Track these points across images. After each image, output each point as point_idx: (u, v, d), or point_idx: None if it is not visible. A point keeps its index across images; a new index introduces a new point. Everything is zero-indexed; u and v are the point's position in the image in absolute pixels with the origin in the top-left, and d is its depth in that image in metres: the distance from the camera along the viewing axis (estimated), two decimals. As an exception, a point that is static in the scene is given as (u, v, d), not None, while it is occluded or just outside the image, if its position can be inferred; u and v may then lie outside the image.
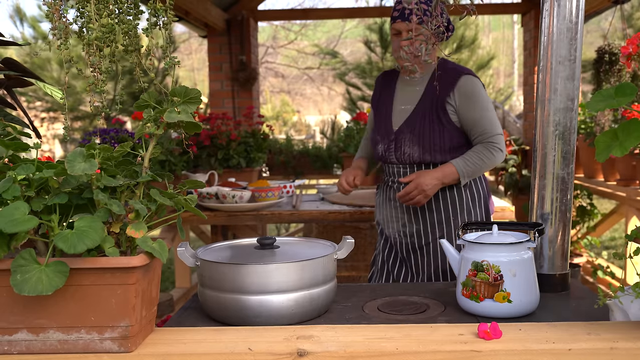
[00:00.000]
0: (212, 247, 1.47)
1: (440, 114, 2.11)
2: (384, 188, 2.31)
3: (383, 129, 2.23)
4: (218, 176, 3.51)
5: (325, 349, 1.02)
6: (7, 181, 0.98)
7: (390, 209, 2.25)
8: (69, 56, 1.12)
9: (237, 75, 5.80)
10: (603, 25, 10.76)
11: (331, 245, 1.44)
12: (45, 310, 0.99)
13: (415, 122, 2.14)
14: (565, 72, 1.45)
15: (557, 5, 1.44)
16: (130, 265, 0.99)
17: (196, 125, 1.14)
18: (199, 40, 13.00)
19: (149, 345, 1.05)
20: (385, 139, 2.21)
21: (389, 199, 2.26)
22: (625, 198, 3.65)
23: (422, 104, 2.15)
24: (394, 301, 1.45)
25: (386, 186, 2.29)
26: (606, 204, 7.11)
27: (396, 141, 2.17)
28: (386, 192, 2.29)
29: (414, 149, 2.13)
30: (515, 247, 1.32)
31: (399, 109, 2.22)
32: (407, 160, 2.17)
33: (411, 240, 2.20)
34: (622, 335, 1.05)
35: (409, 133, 2.14)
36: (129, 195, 1.09)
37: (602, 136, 1.14)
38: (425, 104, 2.15)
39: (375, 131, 2.29)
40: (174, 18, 1.15)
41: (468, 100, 2.10)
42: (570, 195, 1.51)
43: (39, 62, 8.10)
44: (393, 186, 2.24)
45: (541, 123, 1.49)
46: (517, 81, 17.52)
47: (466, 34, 9.00)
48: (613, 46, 4.28)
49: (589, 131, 3.91)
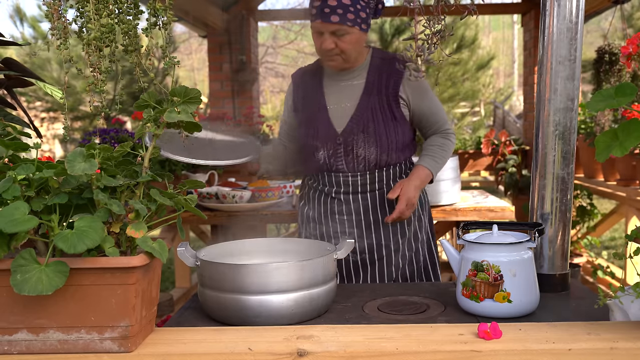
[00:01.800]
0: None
1: (393, 108, 1.90)
2: (321, 201, 2.00)
3: (322, 133, 1.92)
4: (218, 176, 3.50)
5: (325, 349, 1.02)
6: (7, 181, 0.98)
7: (334, 223, 1.96)
8: (68, 56, 1.12)
9: (237, 75, 5.80)
10: (603, 25, 10.76)
11: (331, 245, 1.44)
12: (45, 310, 0.99)
13: (365, 120, 1.89)
14: (565, 72, 1.45)
15: (557, 5, 1.44)
16: (130, 265, 0.99)
17: (196, 125, 1.14)
18: (199, 40, 13.00)
19: (149, 345, 1.05)
20: (327, 144, 1.91)
21: (332, 212, 1.97)
22: (625, 198, 3.65)
23: (367, 99, 1.91)
24: (394, 301, 1.45)
25: (327, 198, 1.98)
26: (606, 204, 7.11)
27: (345, 144, 1.90)
28: (326, 205, 1.98)
29: (369, 151, 1.89)
30: (515, 247, 1.32)
31: (336, 107, 1.93)
32: (359, 165, 1.91)
33: (361, 257, 1.95)
34: (622, 335, 1.05)
35: (361, 133, 1.88)
36: (129, 195, 1.09)
37: (602, 136, 1.14)
38: (371, 99, 1.91)
39: (308, 137, 1.95)
40: (173, 18, 1.15)
41: (419, 91, 1.93)
42: (570, 195, 1.51)
43: (39, 62, 8.10)
44: (338, 197, 1.96)
45: (541, 123, 1.49)
46: (517, 81, 17.52)
47: (466, 34, 9.00)
48: (613, 46, 4.28)
49: (589, 131, 3.91)
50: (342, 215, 1.96)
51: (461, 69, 9.65)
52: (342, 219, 1.96)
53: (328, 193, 1.98)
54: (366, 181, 1.94)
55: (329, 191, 1.97)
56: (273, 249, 1.52)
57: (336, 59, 1.88)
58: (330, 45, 1.83)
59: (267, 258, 1.50)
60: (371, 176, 1.93)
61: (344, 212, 1.95)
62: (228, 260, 1.44)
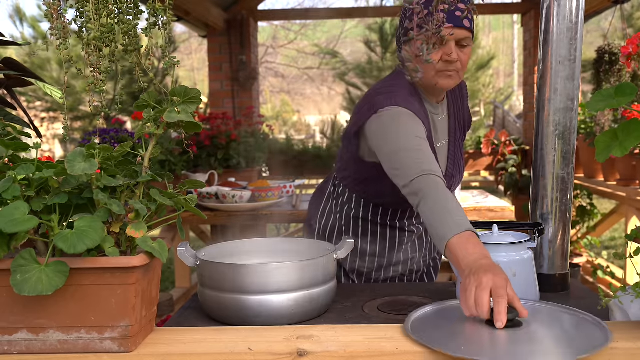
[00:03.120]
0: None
1: (461, 144, 1.73)
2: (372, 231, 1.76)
3: None
4: (218, 176, 3.51)
5: (325, 349, 1.02)
6: (7, 181, 0.98)
7: (397, 253, 1.79)
8: (68, 56, 1.11)
9: (237, 75, 5.80)
10: (603, 25, 10.76)
11: (331, 245, 1.44)
12: (45, 310, 0.99)
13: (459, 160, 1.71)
14: (565, 72, 1.45)
15: (557, 5, 1.44)
16: (130, 265, 0.99)
17: (196, 125, 1.14)
18: (199, 40, 13.00)
19: (149, 345, 1.05)
20: None
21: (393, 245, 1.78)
22: (625, 198, 3.65)
23: (454, 136, 1.71)
24: (394, 301, 1.45)
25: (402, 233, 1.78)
26: (606, 204, 7.11)
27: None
28: (386, 238, 1.77)
29: (456, 186, 1.75)
30: (515, 247, 1.32)
31: (438, 148, 1.68)
32: None
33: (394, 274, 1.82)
34: (622, 335, 1.04)
35: (459, 175, 1.71)
36: (129, 195, 1.09)
37: (602, 136, 1.14)
38: (457, 136, 1.72)
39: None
40: (173, 18, 1.15)
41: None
42: (570, 195, 1.51)
43: (39, 62, 8.10)
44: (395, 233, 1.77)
45: (541, 123, 1.49)
46: (517, 81, 17.52)
47: (466, 34, 8.99)
48: (613, 46, 4.28)
49: (589, 131, 3.90)
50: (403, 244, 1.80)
51: (461, 69, 9.64)
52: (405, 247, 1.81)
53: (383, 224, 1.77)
54: None
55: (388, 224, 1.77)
56: (273, 249, 1.52)
57: (454, 76, 1.57)
58: (456, 56, 1.53)
59: (267, 258, 1.50)
60: None
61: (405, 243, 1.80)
62: (228, 260, 1.44)
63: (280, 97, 18.25)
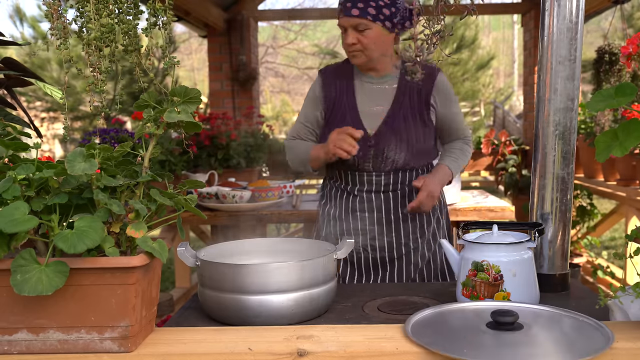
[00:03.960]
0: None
1: (424, 114, 1.95)
2: (343, 199, 2.01)
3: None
4: (218, 176, 3.51)
5: (325, 349, 1.02)
6: (7, 181, 0.98)
7: (355, 221, 1.97)
8: (68, 56, 1.12)
9: (237, 75, 5.80)
10: (603, 25, 10.76)
11: (331, 245, 1.44)
12: (45, 310, 0.99)
13: (398, 124, 1.92)
14: (565, 72, 1.45)
15: (557, 5, 1.44)
16: (130, 265, 0.99)
17: (196, 125, 1.14)
18: (199, 40, 13.00)
19: (149, 345, 1.05)
20: (359, 145, 1.84)
21: (354, 209, 1.98)
22: (625, 198, 3.65)
23: (399, 104, 1.94)
24: (394, 301, 1.45)
25: (349, 196, 2.00)
26: (606, 204, 7.11)
27: (376, 147, 1.91)
28: (348, 202, 2.00)
29: (399, 156, 1.91)
30: (515, 247, 1.32)
31: (369, 110, 1.95)
32: (386, 166, 1.93)
33: (380, 255, 1.96)
34: (622, 335, 1.04)
35: (394, 138, 1.91)
36: (129, 195, 1.09)
37: (602, 136, 1.14)
38: (403, 104, 1.94)
39: None
40: (173, 18, 1.15)
41: (447, 97, 1.98)
42: (570, 195, 1.51)
43: (39, 62, 8.10)
44: (360, 195, 1.97)
45: (541, 123, 1.49)
46: (517, 81, 17.53)
47: (466, 34, 9.01)
48: (613, 46, 4.28)
49: (589, 131, 3.91)
50: (364, 213, 1.97)
51: (461, 69, 9.66)
52: (363, 215, 1.97)
53: (350, 191, 2.00)
54: (389, 181, 1.96)
55: (352, 189, 1.99)
56: (273, 249, 1.52)
57: (358, 55, 1.89)
58: (351, 40, 1.86)
59: (267, 258, 1.50)
60: (395, 177, 1.96)
61: (366, 210, 1.97)
62: (228, 260, 1.44)
63: (280, 97, 18.24)
